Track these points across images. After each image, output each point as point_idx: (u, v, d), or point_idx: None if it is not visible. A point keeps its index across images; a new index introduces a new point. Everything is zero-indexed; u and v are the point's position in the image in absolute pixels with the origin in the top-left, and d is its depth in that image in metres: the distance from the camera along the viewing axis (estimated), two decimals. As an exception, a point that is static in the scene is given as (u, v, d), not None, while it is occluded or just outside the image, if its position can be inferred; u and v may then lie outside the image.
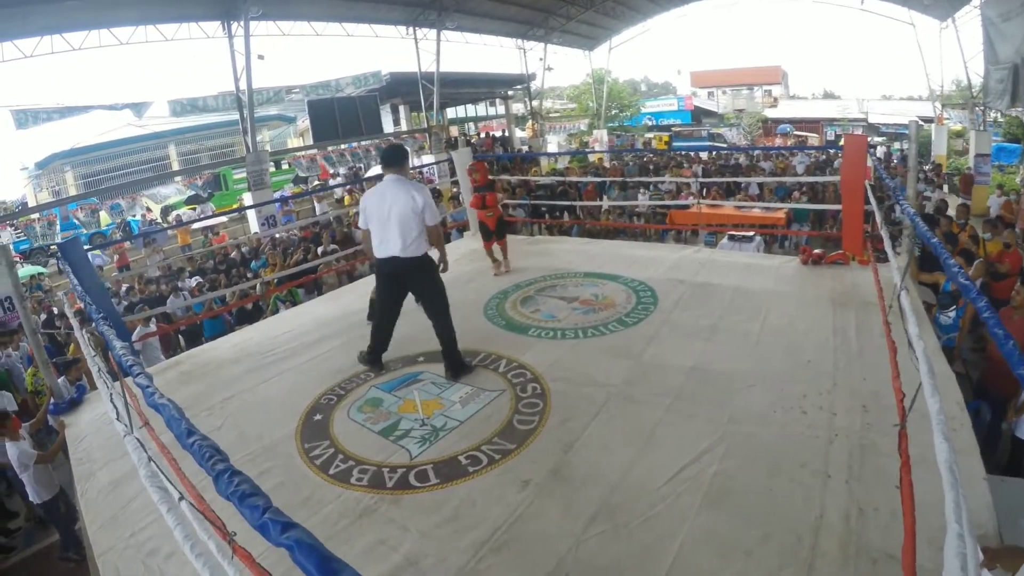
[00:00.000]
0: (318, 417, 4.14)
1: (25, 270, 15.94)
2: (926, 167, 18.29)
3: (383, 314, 4.68)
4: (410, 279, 4.46)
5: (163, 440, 2.40)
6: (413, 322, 5.71)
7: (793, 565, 2.34)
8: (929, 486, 1.95)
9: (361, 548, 2.78)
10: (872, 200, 5.22)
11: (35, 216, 19.70)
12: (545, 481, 3.11)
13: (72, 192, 22.93)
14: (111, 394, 2.54)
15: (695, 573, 2.39)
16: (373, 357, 4.75)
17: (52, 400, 4.89)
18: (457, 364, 4.49)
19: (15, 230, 19.62)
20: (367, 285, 7.36)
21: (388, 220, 4.24)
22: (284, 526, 1.13)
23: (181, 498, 1.81)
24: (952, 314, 5.69)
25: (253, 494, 1.27)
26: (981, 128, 18.39)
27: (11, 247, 17.24)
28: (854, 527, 2.49)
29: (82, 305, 4.01)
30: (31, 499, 5.29)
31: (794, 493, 2.76)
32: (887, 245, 4.08)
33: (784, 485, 2.82)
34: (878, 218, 4.82)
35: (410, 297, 4.63)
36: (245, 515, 1.24)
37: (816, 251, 5.98)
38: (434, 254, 4.57)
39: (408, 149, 5.05)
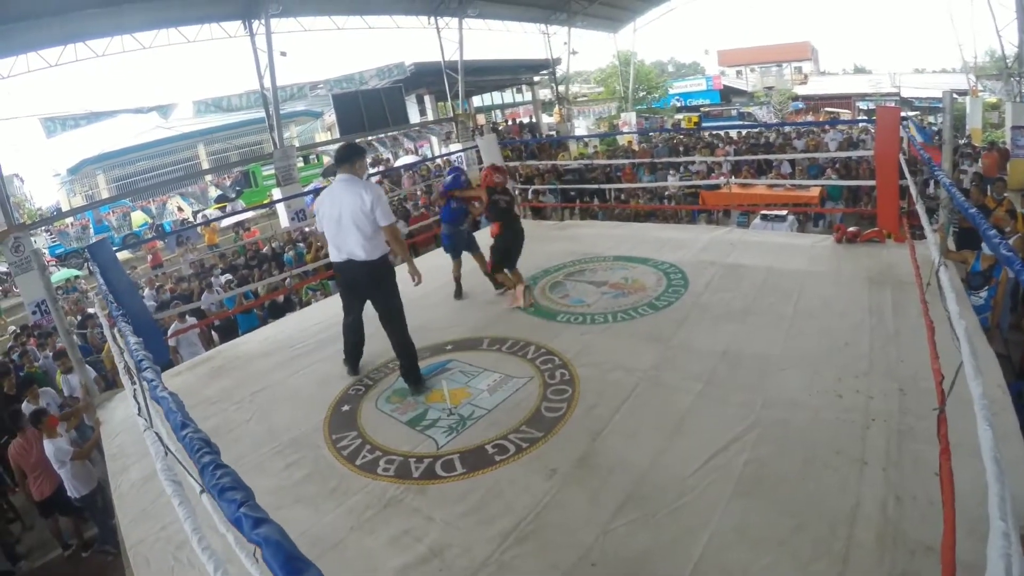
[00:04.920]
0: (346, 408, 4.16)
1: (61, 273, 16.33)
2: (961, 140, 17.63)
3: (349, 314, 4.46)
4: (365, 283, 4.19)
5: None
6: (439, 312, 5.71)
7: (827, 557, 2.26)
8: (970, 473, 1.86)
9: (386, 539, 2.78)
10: (907, 175, 5.04)
11: (69, 221, 20.17)
12: (572, 470, 3.06)
13: (105, 195, 23.41)
14: (134, 390, 2.56)
15: (725, 564, 2.33)
16: (348, 363, 4.64)
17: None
18: (415, 379, 4.24)
19: (50, 235, 20.13)
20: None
21: (340, 222, 3.98)
22: (256, 521, 1.12)
23: (203, 491, 1.81)
24: (984, 294, 5.45)
25: (232, 488, 1.26)
26: (1017, 99, 17.68)
27: (46, 251, 17.74)
28: (891, 517, 2.40)
29: (108, 305, 4.07)
30: (70, 494, 5.42)
31: (829, 481, 2.67)
32: (924, 221, 3.93)
33: (818, 473, 2.73)
34: (914, 193, 4.66)
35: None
36: (223, 508, 1.23)
37: (851, 229, 5.81)
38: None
39: (363, 147, 4.49)
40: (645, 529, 2.57)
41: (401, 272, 4.42)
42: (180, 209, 23.92)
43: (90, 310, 10.90)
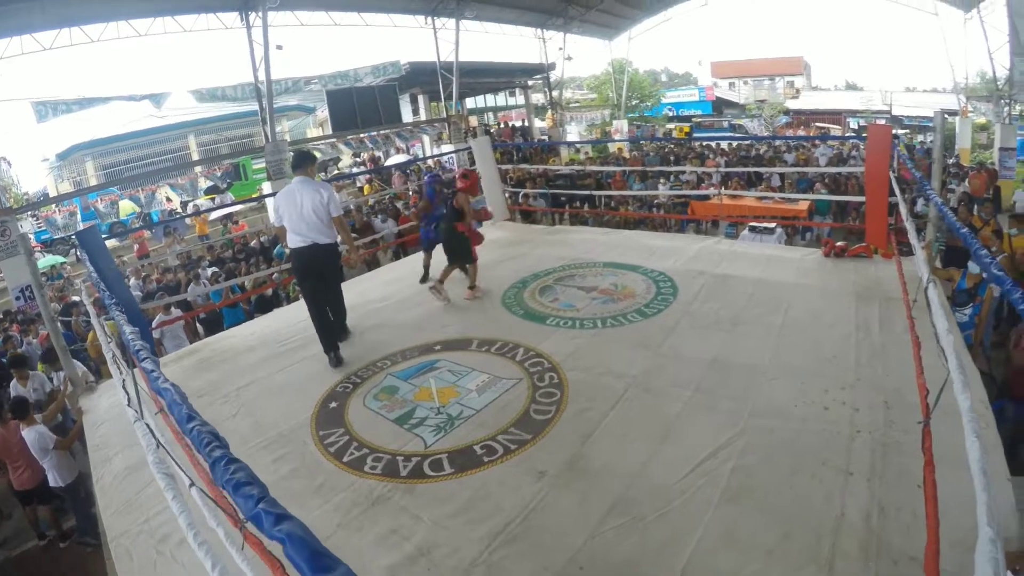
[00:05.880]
0: (334, 405, 4.15)
1: (46, 260, 16.12)
2: (950, 160, 17.90)
3: (313, 304, 4.97)
4: (322, 263, 4.93)
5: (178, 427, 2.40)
6: (427, 312, 5.70)
7: (813, 564, 2.29)
8: (952, 485, 1.90)
9: (373, 537, 2.78)
10: (897, 192, 5.11)
11: (56, 207, 19.95)
12: (561, 472, 3.08)
13: (93, 183, 23.20)
14: (123, 380, 2.54)
15: (712, 570, 2.35)
16: (331, 353, 4.90)
17: None
18: (344, 331, 5.31)
19: (36, 220, 19.91)
20: (384, 275, 7.40)
21: (301, 214, 4.74)
22: (278, 518, 1.10)
23: (192, 484, 1.80)
24: (968, 312, 5.54)
25: (248, 483, 1.24)
26: (1006, 121, 17.95)
27: (32, 237, 17.53)
28: (875, 527, 2.43)
29: (98, 293, 4.05)
30: (52, 483, 5.36)
31: (814, 490, 2.70)
32: (912, 238, 3.98)
33: (805, 482, 2.76)
34: (903, 210, 4.72)
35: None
36: (239, 505, 1.21)
37: (839, 243, 5.87)
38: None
39: (315, 154, 6.03)
40: (633, 533, 2.58)
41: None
42: (168, 199, 23.73)
43: (74, 298, 10.79)
